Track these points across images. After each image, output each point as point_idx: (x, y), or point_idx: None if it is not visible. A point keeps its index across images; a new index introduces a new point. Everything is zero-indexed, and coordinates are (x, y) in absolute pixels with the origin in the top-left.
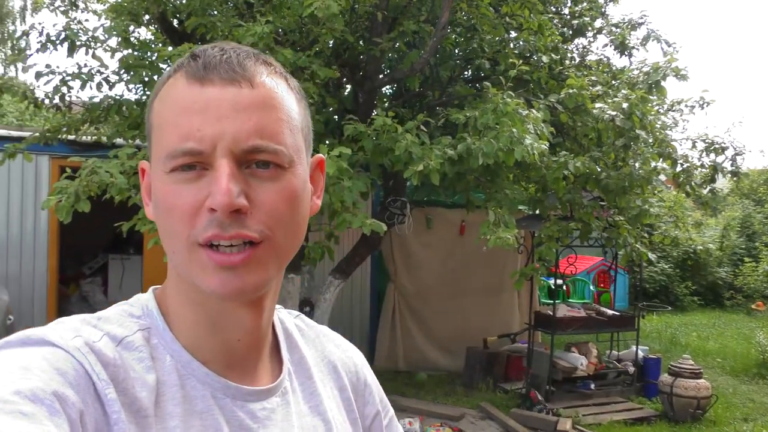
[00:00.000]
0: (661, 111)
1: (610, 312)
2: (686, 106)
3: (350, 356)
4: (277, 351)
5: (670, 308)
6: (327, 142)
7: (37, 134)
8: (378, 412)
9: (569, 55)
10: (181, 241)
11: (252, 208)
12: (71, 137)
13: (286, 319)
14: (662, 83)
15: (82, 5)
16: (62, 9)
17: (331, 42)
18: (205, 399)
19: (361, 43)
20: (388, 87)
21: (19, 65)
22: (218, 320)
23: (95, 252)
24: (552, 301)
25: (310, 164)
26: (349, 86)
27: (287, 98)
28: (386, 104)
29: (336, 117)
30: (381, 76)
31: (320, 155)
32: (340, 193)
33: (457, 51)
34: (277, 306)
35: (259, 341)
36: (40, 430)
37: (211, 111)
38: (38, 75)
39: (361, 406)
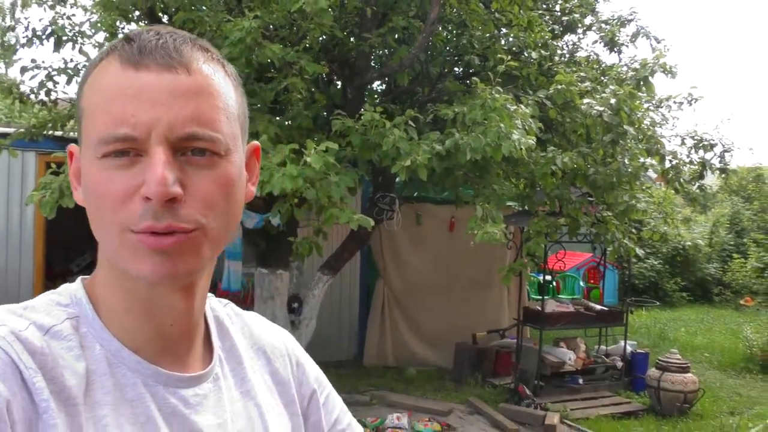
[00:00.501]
0: (650, 107)
1: (598, 307)
2: (675, 102)
3: (281, 340)
4: (209, 338)
5: (658, 303)
6: (315, 138)
7: (23, 130)
8: (314, 391)
9: (559, 51)
10: (112, 227)
11: (186, 195)
12: (57, 133)
13: (217, 307)
14: (651, 79)
15: (70, 0)
16: (50, 4)
17: (321, 37)
18: (135, 387)
19: (351, 39)
20: (377, 83)
21: (6, 65)
22: (150, 306)
23: (83, 249)
24: (541, 297)
25: (246, 151)
26: (339, 82)
27: (224, 85)
28: (376, 100)
29: (325, 113)
30: (370, 71)
31: (256, 142)
32: (328, 189)
33: (447, 47)
34: (209, 294)
35: (191, 327)
36: None
37: (146, 97)
38: (23, 70)
39: (297, 387)
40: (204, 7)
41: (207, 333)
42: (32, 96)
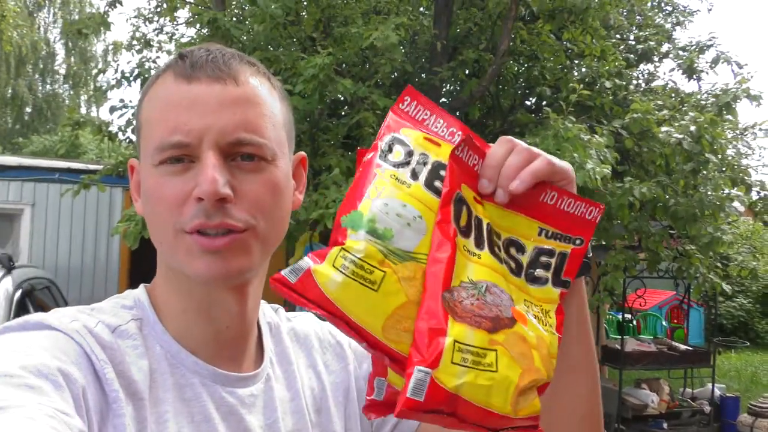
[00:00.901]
0: (735, 135)
1: (683, 347)
2: (760, 129)
3: (327, 330)
4: (260, 342)
5: (748, 344)
6: None
7: (110, 166)
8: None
9: (634, 80)
10: (167, 229)
11: (236, 198)
12: None
13: (268, 312)
14: (733, 106)
15: (155, 45)
16: (137, 48)
17: (391, 73)
18: (194, 387)
19: (421, 73)
20: None
21: (98, 106)
22: (206, 308)
23: None
24: (621, 336)
25: (293, 161)
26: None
27: (270, 96)
28: None
29: None
30: (440, 105)
31: (302, 153)
32: None
33: (517, 79)
34: (261, 300)
35: (245, 330)
36: (47, 401)
37: (198, 106)
38: (112, 109)
39: (356, 367)
40: (280, 47)
41: (259, 337)
42: (120, 134)
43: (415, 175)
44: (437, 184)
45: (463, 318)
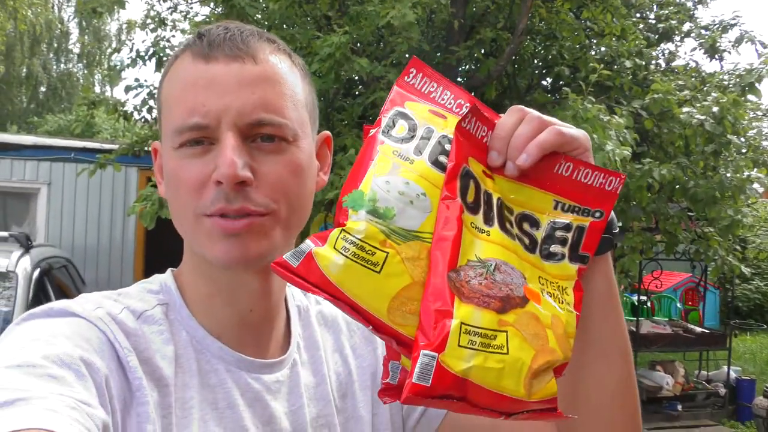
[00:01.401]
0: (756, 116)
1: (698, 329)
2: None
3: None
4: (289, 326)
5: (765, 327)
6: None
7: (126, 145)
8: None
9: (654, 60)
10: (188, 213)
11: (257, 180)
12: None
13: (298, 295)
14: (757, 86)
15: (170, 24)
16: (152, 27)
17: (407, 52)
18: (219, 373)
19: (438, 53)
20: None
21: (112, 83)
22: (229, 291)
23: (180, 260)
24: (636, 318)
25: (317, 141)
26: None
27: (291, 74)
28: None
29: None
30: (457, 84)
31: (327, 132)
32: None
33: (535, 59)
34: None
35: (270, 313)
36: (69, 391)
37: (216, 86)
38: (128, 89)
39: (381, 351)
40: (295, 25)
41: (287, 320)
42: (135, 113)
43: (418, 151)
44: (442, 159)
45: (470, 298)
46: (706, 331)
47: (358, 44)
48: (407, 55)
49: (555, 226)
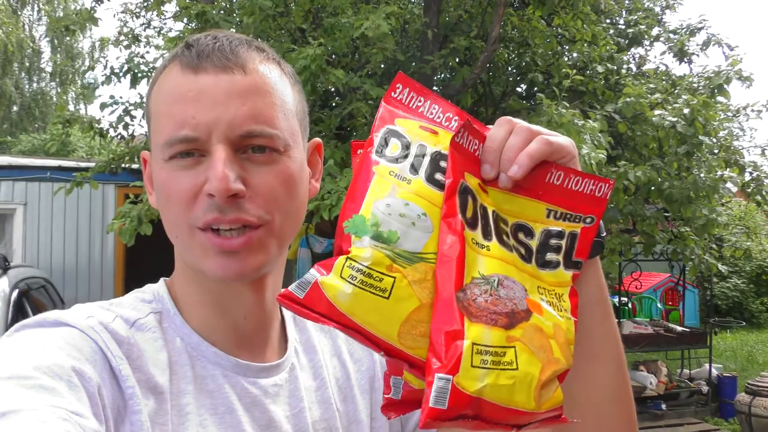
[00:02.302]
0: (726, 116)
1: (679, 328)
2: (753, 110)
3: None
4: (284, 332)
5: (744, 324)
6: None
7: (102, 163)
8: None
9: (625, 65)
10: (181, 225)
11: (249, 192)
12: (134, 166)
13: None
14: (725, 87)
15: (143, 40)
16: (125, 44)
17: (382, 63)
18: (215, 378)
19: (412, 62)
20: None
21: (87, 103)
22: (223, 301)
23: (161, 276)
24: (617, 319)
25: (308, 148)
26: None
27: (280, 83)
28: None
29: None
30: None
31: (317, 139)
32: None
33: (509, 66)
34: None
35: (264, 320)
36: (61, 402)
37: (206, 98)
38: (103, 106)
39: (381, 358)
40: (270, 39)
41: (283, 326)
42: (111, 130)
43: (414, 170)
44: (438, 176)
45: (479, 317)
46: (687, 330)
47: (333, 56)
48: (382, 66)
49: (549, 234)
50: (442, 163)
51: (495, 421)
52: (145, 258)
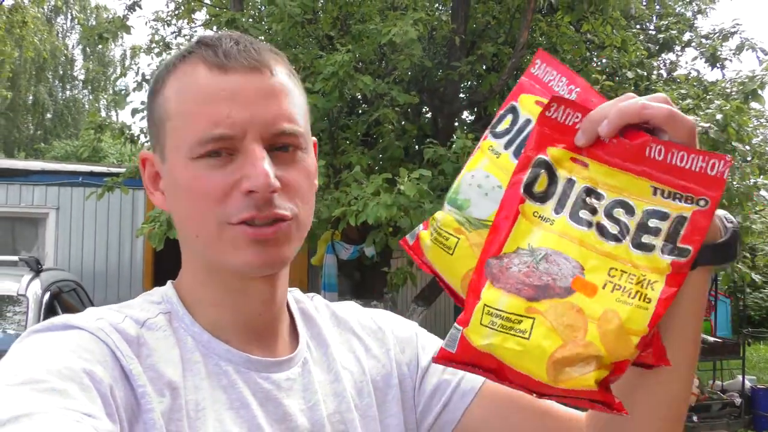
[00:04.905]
0: (761, 122)
1: (711, 339)
2: None
3: (369, 317)
4: (294, 328)
5: None
6: (407, 167)
7: (133, 168)
8: (416, 351)
9: (655, 71)
10: (208, 222)
11: (282, 188)
12: None
13: (302, 298)
14: (760, 92)
15: (174, 48)
16: (156, 51)
17: (409, 69)
18: (228, 374)
19: (439, 69)
20: (467, 113)
21: (118, 110)
22: (239, 297)
23: None
24: None
25: None
26: (428, 113)
27: (295, 85)
28: (466, 130)
29: (415, 143)
30: (459, 100)
31: (313, 138)
32: (422, 217)
33: None
34: (293, 288)
35: (276, 314)
36: (73, 405)
37: (239, 97)
38: (134, 112)
39: (398, 354)
40: (298, 45)
41: (292, 323)
42: (142, 136)
43: (509, 144)
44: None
45: (503, 284)
46: (719, 340)
47: (361, 62)
48: (409, 72)
49: (651, 214)
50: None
51: (512, 381)
52: (174, 262)
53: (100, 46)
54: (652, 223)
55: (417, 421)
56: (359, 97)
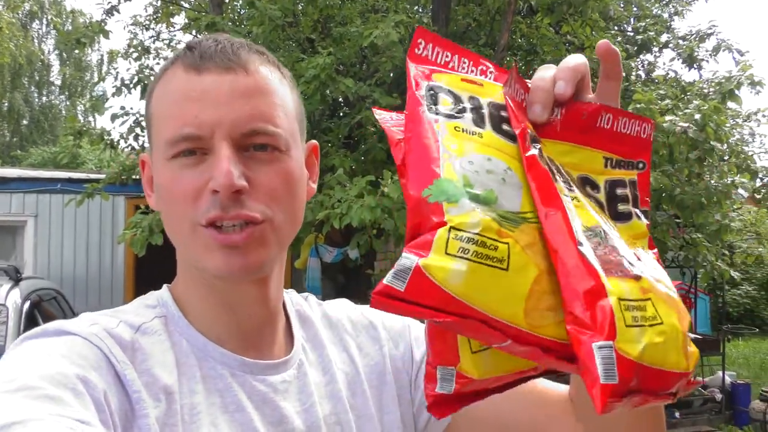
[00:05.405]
0: (736, 122)
1: (691, 335)
2: (763, 115)
3: (359, 312)
4: (290, 330)
5: (757, 331)
6: (390, 170)
7: (113, 174)
8: (409, 342)
9: (634, 71)
10: (184, 224)
11: (252, 189)
12: None
13: (298, 300)
14: (736, 93)
15: (153, 52)
16: (135, 56)
17: (391, 71)
18: (223, 378)
19: None
20: None
21: (97, 115)
22: (227, 299)
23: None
24: None
25: (305, 150)
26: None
27: (280, 85)
28: None
29: None
30: None
31: (314, 141)
32: (405, 218)
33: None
34: (289, 290)
35: (269, 318)
36: (66, 411)
37: (209, 98)
38: (114, 117)
39: (392, 349)
40: (279, 49)
41: (288, 324)
42: (122, 141)
43: (479, 122)
44: (505, 127)
45: (610, 271)
46: (699, 337)
47: (342, 65)
48: (391, 74)
49: (612, 184)
50: (503, 113)
51: (656, 392)
52: (155, 269)
53: (76, 51)
54: (620, 191)
55: (414, 416)
56: (341, 99)
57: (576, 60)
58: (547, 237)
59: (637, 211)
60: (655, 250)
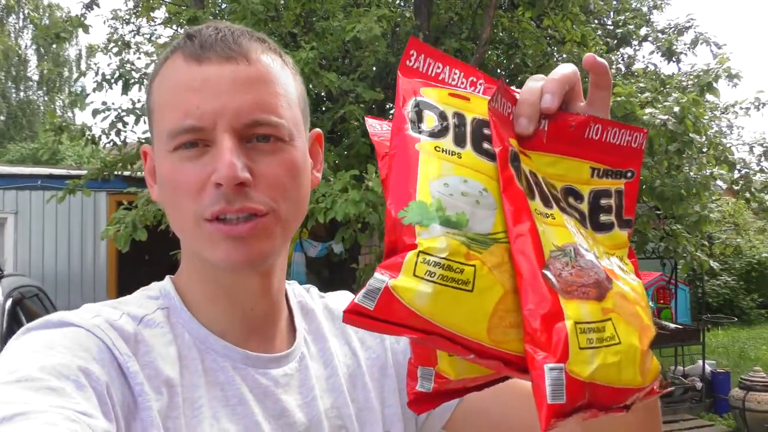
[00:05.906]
0: (716, 114)
1: (672, 326)
2: (740, 108)
3: None
4: (293, 322)
5: (736, 320)
6: (374, 164)
7: (95, 170)
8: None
9: (614, 65)
10: (188, 217)
11: (255, 180)
12: (126, 173)
13: (300, 292)
14: (714, 85)
15: (134, 47)
16: (115, 50)
17: (374, 66)
18: (225, 371)
19: None
20: None
21: (77, 110)
22: (230, 291)
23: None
24: None
25: (309, 138)
26: (394, 109)
27: (283, 73)
28: None
29: None
30: None
31: (318, 129)
32: None
33: (498, 69)
34: (291, 281)
35: (271, 309)
36: (68, 403)
37: (210, 88)
38: (95, 112)
39: (393, 341)
40: None
41: (290, 317)
42: (103, 137)
43: (460, 142)
44: (486, 145)
45: (571, 293)
46: (680, 327)
47: (325, 60)
48: (374, 68)
49: (598, 194)
50: (486, 131)
51: (607, 407)
52: (138, 265)
53: (54, 46)
54: (604, 201)
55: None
56: (323, 94)
57: (563, 71)
58: (514, 259)
59: (620, 221)
60: (634, 259)
